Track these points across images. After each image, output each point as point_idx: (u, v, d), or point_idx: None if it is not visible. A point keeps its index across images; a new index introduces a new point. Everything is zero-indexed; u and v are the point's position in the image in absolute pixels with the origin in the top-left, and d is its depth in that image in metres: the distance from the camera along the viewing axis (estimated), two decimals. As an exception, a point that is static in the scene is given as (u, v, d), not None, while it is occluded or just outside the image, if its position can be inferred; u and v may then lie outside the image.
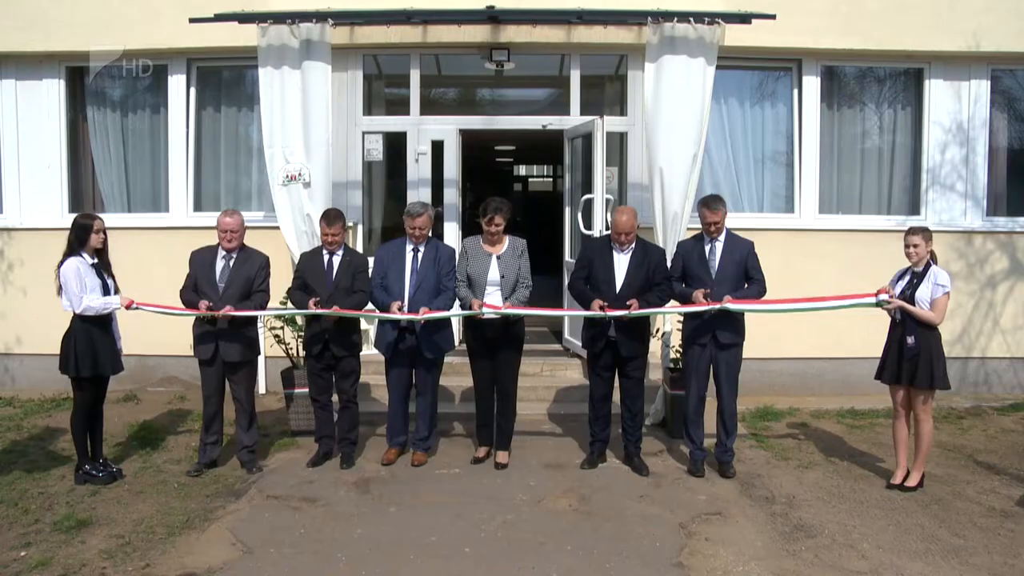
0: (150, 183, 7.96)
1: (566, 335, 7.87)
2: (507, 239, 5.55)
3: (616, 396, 5.61)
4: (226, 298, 5.30)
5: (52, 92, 7.79)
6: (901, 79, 7.87)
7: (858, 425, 6.66)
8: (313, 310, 5.34)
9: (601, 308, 5.24)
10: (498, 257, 5.50)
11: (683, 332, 5.54)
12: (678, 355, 6.24)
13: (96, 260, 5.18)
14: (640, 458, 5.57)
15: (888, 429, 5.70)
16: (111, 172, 7.99)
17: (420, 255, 5.52)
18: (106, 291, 5.15)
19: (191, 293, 5.36)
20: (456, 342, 6.48)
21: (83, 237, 5.11)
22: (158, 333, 5.52)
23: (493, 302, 5.41)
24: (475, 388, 5.71)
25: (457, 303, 5.57)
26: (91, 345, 5.08)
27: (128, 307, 5.16)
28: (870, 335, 5.81)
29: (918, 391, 5.09)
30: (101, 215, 5.41)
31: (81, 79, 7.92)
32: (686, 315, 5.47)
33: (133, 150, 7.97)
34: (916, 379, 5.04)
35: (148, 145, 7.94)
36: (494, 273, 5.45)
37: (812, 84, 7.65)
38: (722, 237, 5.37)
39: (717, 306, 5.17)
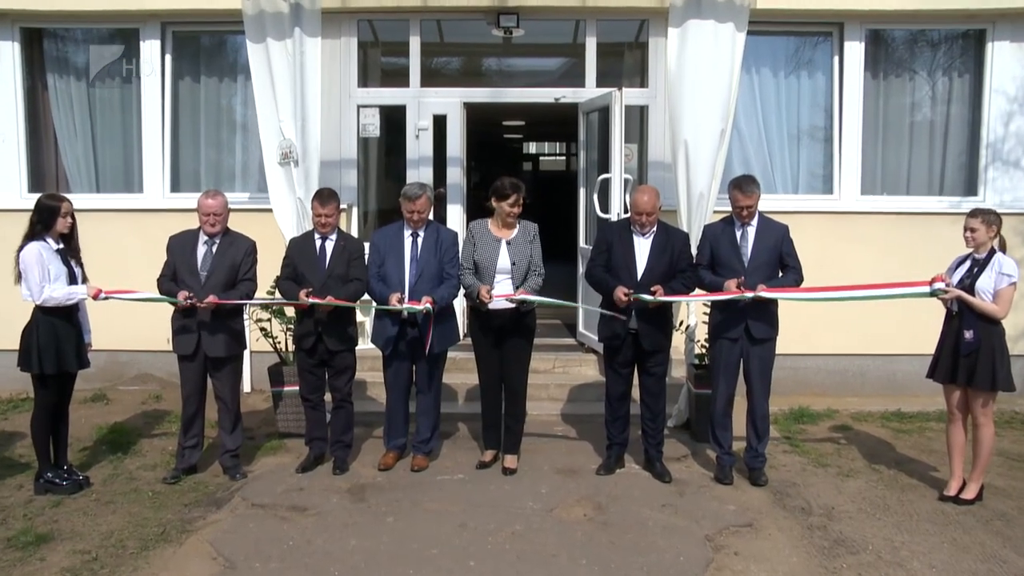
0: (121, 160, 7.94)
1: (580, 328, 7.85)
2: (518, 223, 5.53)
3: (635, 395, 5.59)
4: (209, 287, 5.28)
5: (6, 56, 7.67)
6: (959, 42, 7.73)
7: (906, 429, 6.62)
8: (306, 300, 5.29)
9: (627, 296, 5.19)
10: (508, 242, 5.46)
11: (711, 325, 5.49)
12: (703, 350, 6.21)
13: (62, 245, 5.13)
14: (662, 463, 5.55)
15: (941, 434, 5.66)
16: (76, 147, 7.95)
17: (420, 240, 5.50)
18: (73, 280, 5.11)
19: (170, 283, 5.33)
20: (461, 335, 6.47)
21: (48, 220, 5.05)
22: (131, 325, 5.52)
23: (503, 291, 5.38)
24: (481, 385, 5.69)
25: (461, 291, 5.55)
26: (55, 339, 5.04)
27: (96, 297, 5.10)
28: (921, 329, 5.76)
29: (977, 392, 5.00)
30: (67, 196, 5.35)
31: (40, 42, 7.85)
32: (714, 306, 5.43)
33: (102, 123, 7.93)
34: (975, 379, 4.95)
35: (118, 118, 7.90)
36: (504, 260, 5.42)
37: (855, 50, 7.55)
38: (754, 221, 5.33)
39: (751, 294, 5.12)
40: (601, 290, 5.41)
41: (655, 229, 5.34)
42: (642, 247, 5.34)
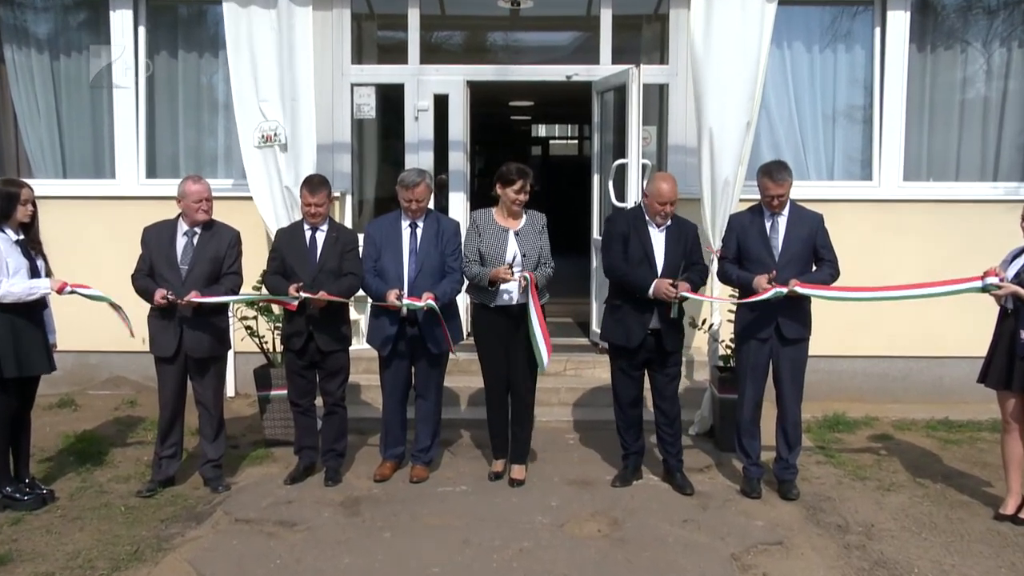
0: (90, 143, 7.93)
1: (594, 326, 7.86)
2: (524, 212, 5.55)
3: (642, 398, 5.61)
4: (191, 282, 5.28)
5: (-46, 24, 7.66)
6: (1020, 9, 7.66)
7: (955, 439, 6.59)
8: (295, 295, 5.29)
9: (673, 287, 5.16)
10: (517, 233, 5.48)
11: (737, 324, 5.50)
12: (729, 351, 6.22)
13: (22, 236, 5.12)
14: (683, 474, 5.56)
15: (994, 445, 5.65)
16: (39, 128, 7.92)
17: (419, 232, 5.51)
18: (35, 273, 5.09)
19: (146, 279, 5.32)
20: (466, 333, 6.49)
21: (7, 209, 5.04)
22: (103, 324, 5.50)
23: (511, 287, 5.39)
24: (486, 389, 5.71)
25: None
26: (15, 339, 5.02)
27: (61, 291, 5.08)
28: (971, 329, 5.75)
29: None
30: (29, 181, 5.31)
31: (-6, 10, 7.83)
32: (741, 304, 5.43)
33: (68, 101, 7.92)
34: None
35: (87, 96, 7.89)
36: (513, 251, 5.44)
37: (899, 21, 7.50)
38: (785, 211, 5.33)
39: (785, 290, 5.09)
40: (629, 284, 5.33)
41: (669, 220, 5.37)
42: (658, 239, 5.36)
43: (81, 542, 4.75)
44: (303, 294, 5.30)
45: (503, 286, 5.37)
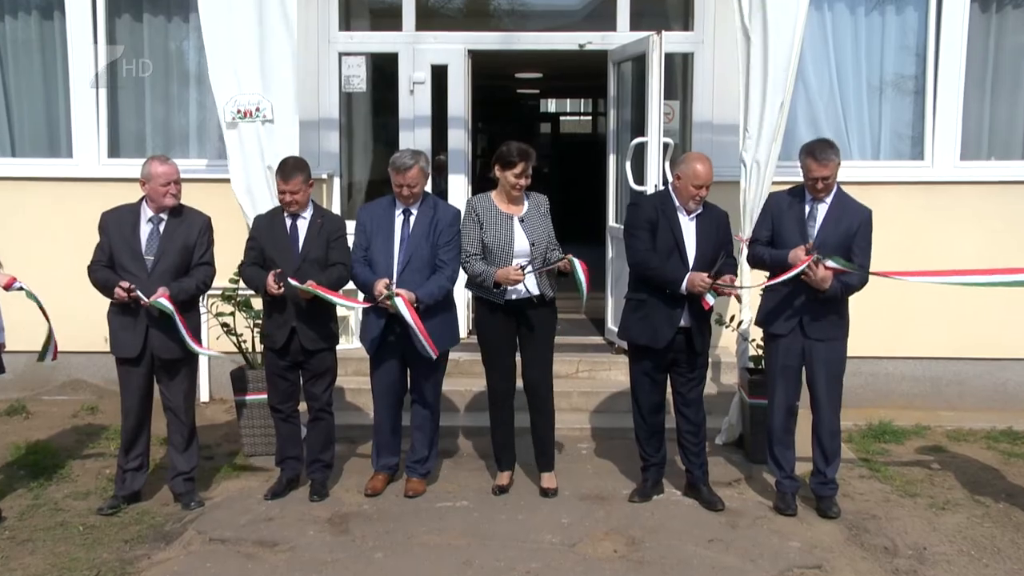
0: (43, 118, 7.93)
1: (609, 324, 7.89)
2: (526, 196, 5.60)
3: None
4: (158, 275, 5.29)
5: None
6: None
7: (1019, 452, 6.60)
8: (289, 284, 5.29)
9: (714, 277, 5.19)
10: (521, 219, 5.52)
11: (760, 311, 5.50)
12: (759, 351, 6.24)
13: None
14: (709, 488, 5.59)
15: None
16: (-16, 100, 7.93)
17: (412, 220, 5.53)
18: None
19: (105, 270, 5.32)
20: (466, 332, 6.51)
21: None
22: (59, 321, 5.53)
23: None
24: (491, 394, 5.74)
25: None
26: None
27: (8, 287, 5.09)
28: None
29: None
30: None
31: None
32: (766, 292, 5.46)
33: (16, 71, 7.91)
34: None
35: (39, 65, 7.88)
36: (522, 240, 5.47)
37: (961, -25, 7.45)
38: (829, 198, 5.33)
39: (825, 267, 5.04)
40: (661, 280, 5.32)
41: (700, 207, 5.39)
42: (689, 228, 5.37)
43: (33, 567, 4.74)
44: (293, 281, 5.28)
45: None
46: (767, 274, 5.43)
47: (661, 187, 6.89)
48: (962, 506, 5.60)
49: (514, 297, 5.47)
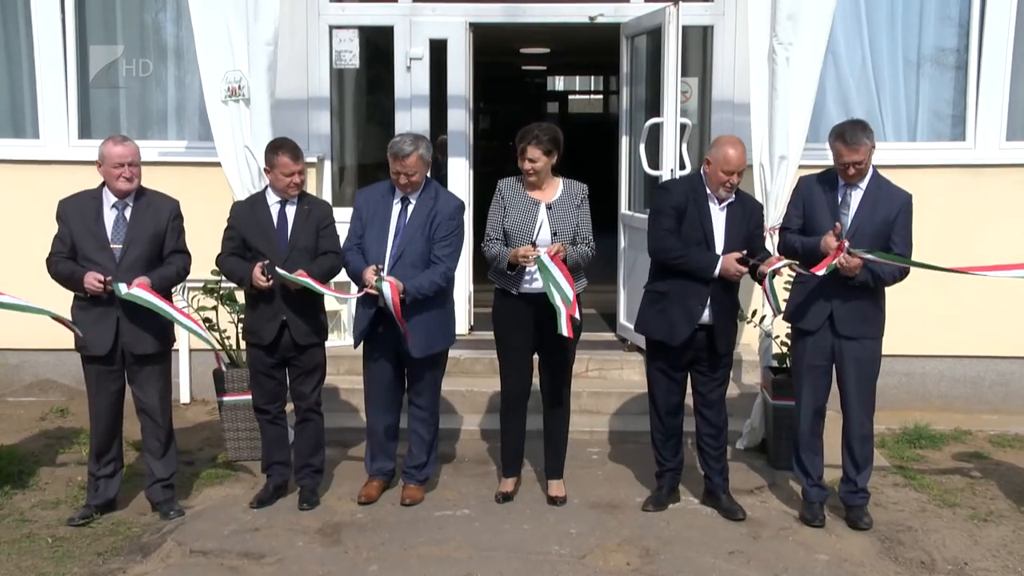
0: (6, 94, 7.93)
1: (621, 320, 7.93)
2: (560, 182, 5.61)
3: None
4: (127, 265, 5.27)
5: None
6: None
7: (1070, 460, 6.61)
8: (264, 282, 5.31)
9: (744, 261, 5.22)
10: (549, 206, 5.54)
11: (789, 304, 5.51)
12: (784, 349, 6.28)
13: None
14: (730, 496, 5.63)
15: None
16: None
17: (410, 209, 5.56)
18: None
19: (67, 263, 5.29)
20: (466, 328, 6.53)
21: None
22: (24, 317, 5.56)
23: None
24: (504, 394, 5.77)
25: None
26: None
27: None
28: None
29: None
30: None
31: None
32: (795, 284, 5.51)
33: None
34: None
35: (0, 39, 7.89)
36: (544, 229, 5.49)
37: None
38: (864, 183, 5.34)
39: (867, 256, 5.04)
40: (691, 269, 5.33)
41: (731, 196, 5.41)
42: (719, 218, 5.40)
43: (-2, 583, 4.79)
44: (281, 271, 5.29)
45: (529, 268, 5.41)
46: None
47: (677, 171, 6.94)
48: (1006, 518, 5.61)
49: (529, 288, 5.47)
